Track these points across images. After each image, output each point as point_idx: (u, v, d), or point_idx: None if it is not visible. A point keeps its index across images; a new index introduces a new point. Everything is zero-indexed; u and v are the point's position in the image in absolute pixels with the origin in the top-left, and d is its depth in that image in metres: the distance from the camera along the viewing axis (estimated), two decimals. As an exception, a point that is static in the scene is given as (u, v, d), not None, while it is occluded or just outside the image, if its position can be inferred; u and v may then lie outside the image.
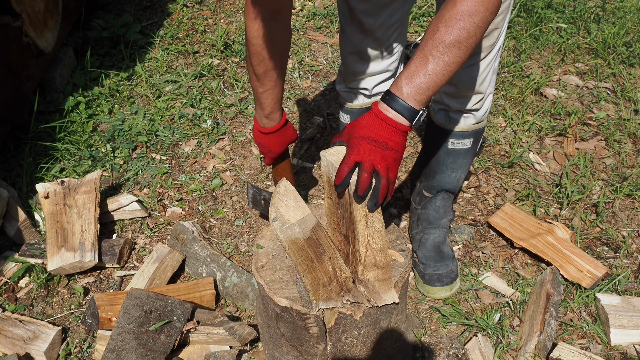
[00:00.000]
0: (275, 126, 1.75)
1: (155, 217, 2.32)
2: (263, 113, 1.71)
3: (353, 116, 2.02)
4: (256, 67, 1.59)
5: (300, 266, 1.29)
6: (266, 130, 1.76)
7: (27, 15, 2.58)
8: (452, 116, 1.88)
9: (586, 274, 1.97)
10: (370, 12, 1.72)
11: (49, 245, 2.03)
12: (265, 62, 1.58)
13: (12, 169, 2.50)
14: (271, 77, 1.62)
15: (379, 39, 1.79)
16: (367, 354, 1.48)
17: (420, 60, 1.23)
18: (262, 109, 1.70)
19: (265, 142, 1.81)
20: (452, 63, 1.23)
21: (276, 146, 1.82)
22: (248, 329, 1.75)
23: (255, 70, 1.61)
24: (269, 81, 1.63)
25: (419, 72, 1.23)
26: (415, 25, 3.47)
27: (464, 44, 1.21)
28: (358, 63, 1.87)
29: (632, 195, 2.32)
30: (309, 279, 1.31)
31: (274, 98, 1.67)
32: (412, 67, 1.24)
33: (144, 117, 2.79)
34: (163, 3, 3.71)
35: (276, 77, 1.63)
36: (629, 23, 3.31)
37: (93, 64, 3.09)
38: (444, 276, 1.97)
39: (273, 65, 1.59)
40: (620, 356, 1.79)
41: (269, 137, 1.79)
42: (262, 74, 1.61)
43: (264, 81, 1.62)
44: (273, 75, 1.62)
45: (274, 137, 1.78)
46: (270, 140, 1.80)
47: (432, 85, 1.23)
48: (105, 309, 1.81)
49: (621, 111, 2.76)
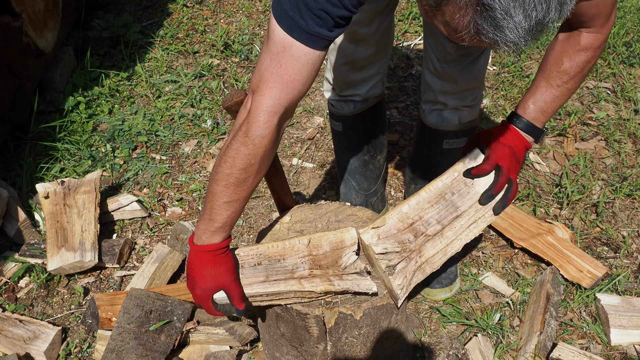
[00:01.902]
0: (217, 244, 1.34)
1: (155, 217, 2.32)
2: (212, 227, 1.33)
3: (345, 123, 1.99)
4: (240, 171, 1.27)
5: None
6: (200, 248, 1.34)
7: (27, 15, 2.58)
8: (446, 116, 1.86)
9: (586, 274, 1.97)
10: (363, 22, 1.70)
11: (49, 245, 2.03)
12: (254, 166, 1.28)
13: (12, 169, 2.50)
14: (249, 184, 1.31)
15: (372, 45, 1.78)
16: (367, 354, 1.47)
17: (545, 89, 1.44)
18: (214, 221, 1.32)
19: (195, 267, 1.35)
20: (573, 90, 1.44)
21: (205, 275, 1.35)
22: (248, 329, 1.75)
23: (236, 174, 1.28)
24: (244, 190, 1.31)
25: (545, 98, 1.44)
26: (416, 25, 3.47)
27: (584, 73, 1.42)
28: (350, 72, 1.86)
29: (632, 195, 2.32)
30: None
31: (236, 211, 1.33)
32: (539, 94, 1.44)
33: (144, 117, 2.79)
34: (163, 3, 3.71)
35: (253, 186, 1.33)
36: (629, 23, 3.31)
37: (93, 64, 3.09)
38: (443, 278, 1.96)
39: (258, 170, 1.30)
40: (620, 356, 1.79)
41: (201, 259, 1.35)
42: (242, 180, 1.29)
43: (238, 188, 1.30)
44: (252, 183, 1.31)
45: (207, 258, 1.35)
46: (202, 264, 1.35)
47: (555, 110, 1.46)
48: (105, 309, 1.81)
49: (621, 111, 2.76)
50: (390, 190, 2.44)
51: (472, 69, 1.73)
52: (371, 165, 2.11)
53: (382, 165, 2.17)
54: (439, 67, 1.76)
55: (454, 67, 1.72)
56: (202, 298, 1.37)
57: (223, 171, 1.28)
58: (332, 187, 2.45)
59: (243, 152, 1.26)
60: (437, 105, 1.86)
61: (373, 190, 2.17)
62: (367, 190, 2.15)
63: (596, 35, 1.36)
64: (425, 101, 1.89)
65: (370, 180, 2.14)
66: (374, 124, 2.02)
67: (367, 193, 2.15)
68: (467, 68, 1.72)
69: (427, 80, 1.84)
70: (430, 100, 1.87)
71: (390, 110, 2.86)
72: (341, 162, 2.11)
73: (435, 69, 1.77)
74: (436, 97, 1.83)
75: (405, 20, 3.49)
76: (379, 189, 2.21)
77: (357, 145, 2.04)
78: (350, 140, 2.03)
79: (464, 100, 1.81)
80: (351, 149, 2.05)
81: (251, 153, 1.26)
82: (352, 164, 2.09)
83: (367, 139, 2.03)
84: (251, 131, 1.24)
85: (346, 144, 2.05)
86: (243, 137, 1.25)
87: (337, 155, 2.11)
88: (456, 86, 1.77)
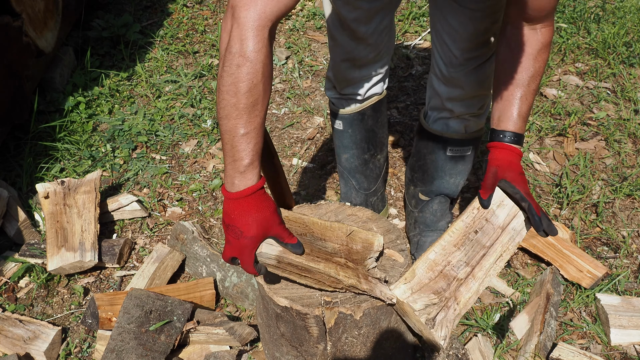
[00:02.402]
0: (253, 186, 1.23)
1: (155, 217, 2.32)
2: (240, 166, 1.22)
3: (345, 121, 1.99)
4: (246, 95, 1.19)
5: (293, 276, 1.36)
6: (237, 195, 1.23)
7: (27, 15, 2.58)
8: (452, 125, 1.85)
9: (586, 274, 1.97)
10: (362, 20, 1.70)
11: (49, 245, 2.03)
12: (258, 86, 1.19)
13: (12, 169, 2.50)
14: (260, 108, 1.22)
15: (372, 44, 1.77)
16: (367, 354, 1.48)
17: (525, 98, 1.42)
18: (240, 160, 1.22)
19: (236, 216, 1.24)
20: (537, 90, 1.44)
21: (251, 223, 1.24)
22: (248, 329, 1.75)
23: (243, 99, 1.19)
24: (257, 115, 1.22)
25: (526, 105, 1.42)
26: (416, 25, 3.47)
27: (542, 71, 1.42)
28: (351, 69, 1.85)
29: (632, 195, 2.32)
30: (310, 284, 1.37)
31: (258, 142, 1.23)
32: (520, 103, 1.42)
33: (144, 117, 2.79)
34: (163, 3, 3.71)
35: (264, 110, 1.24)
36: (629, 23, 3.31)
37: (93, 64, 3.09)
38: None
39: (264, 90, 1.21)
40: (620, 356, 1.79)
41: (242, 206, 1.23)
42: (251, 105, 1.20)
43: (251, 115, 1.21)
44: (262, 107, 1.23)
45: (249, 203, 1.23)
46: (244, 210, 1.23)
47: (528, 113, 1.45)
48: (105, 309, 1.81)
49: (621, 111, 2.76)
50: (390, 190, 2.44)
51: (478, 74, 1.72)
52: (371, 165, 2.11)
53: (382, 165, 2.17)
54: (445, 72, 1.74)
55: (460, 72, 1.71)
56: (248, 248, 1.24)
57: (229, 102, 1.19)
58: (332, 187, 2.45)
59: (243, 74, 1.17)
60: (443, 113, 1.84)
61: (373, 189, 2.17)
62: (367, 190, 2.15)
63: (550, 29, 1.38)
64: (432, 108, 1.88)
65: (371, 180, 2.14)
66: (375, 123, 2.02)
67: (367, 192, 2.15)
68: (473, 73, 1.71)
69: (434, 87, 1.82)
70: (437, 108, 1.85)
71: (390, 110, 2.86)
72: (341, 160, 2.11)
73: (442, 74, 1.76)
74: (443, 104, 1.81)
75: (405, 20, 3.49)
76: (379, 189, 2.21)
77: (357, 143, 2.04)
78: (351, 139, 2.03)
79: (471, 107, 1.80)
80: (351, 148, 2.05)
81: (251, 71, 1.17)
82: (352, 163, 2.09)
83: (367, 137, 2.03)
84: (244, 48, 1.15)
85: (346, 142, 2.05)
86: (238, 58, 1.16)
87: (338, 153, 2.11)
88: (463, 92, 1.75)
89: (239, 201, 1.23)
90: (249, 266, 1.26)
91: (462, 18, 1.58)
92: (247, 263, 1.26)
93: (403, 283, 1.36)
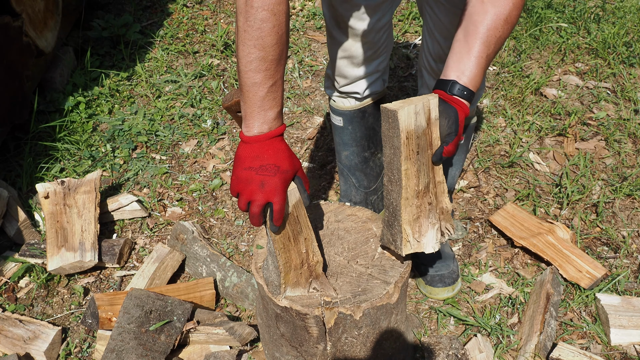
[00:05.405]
0: (282, 126, 1.32)
1: (155, 217, 2.32)
2: (271, 114, 1.29)
3: (345, 118, 1.99)
4: (273, 47, 1.24)
5: (277, 244, 1.32)
6: (270, 134, 1.30)
7: (27, 15, 2.58)
8: None
9: (585, 275, 1.97)
10: (360, 18, 1.71)
11: (49, 245, 2.03)
12: (283, 37, 1.25)
13: (12, 169, 2.50)
14: (285, 57, 1.30)
15: (370, 42, 1.78)
16: (367, 354, 1.48)
17: (484, 56, 1.30)
18: (271, 108, 1.29)
19: (269, 155, 1.29)
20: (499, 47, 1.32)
21: (286, 157, 1.30)
22: (248, 329, 1.75)
23: (271, 52, 1.24)
24: (283, 65, 1.29)
25: (483, 65, 1.31)
26: (416, 25, 3.47)
27: (511, 24, 1.31)
28: (349, 67, 1.86)
29: (632, 195, 2.32)
30: (283, 259, 1.34)
31: (283, 89, 1.32)
32: (480, 59, 1.30)
33: (144, 117, 2.79)
34: (163, 3, 3.71)
35: (285, 60, 1.30)
36: (629, 23, 3.31)
37: (93, 64, 3.09)
38: (446, 277, 1.96)
39: (287, 40, 1.28)
40: (620, 356, 1.79)
41: (274, 145, 1.30)
42: (278, 56, 1.26)
43: (278, 65, 1.27)
44: (286, 55, 1.30)
45: (281, 141, 1.31)
46: (277, 148, 1.30)
47: (483, 75, 1.33)
48: (105, 309, 1.81)
49: (621, 111, 2.76)
50: (390, 190, 2.44)
51: None
52: (371, 163, 2.11)
53: (382, 164, 2.17)
54: (435, 67, 1.78)
55: None
56: (286, 182, 1.29)
57: (257, 55, 1.23)
58: (332, 187, 2.45)
59: (268, 27, 1.21)
60: None
61: (373, 188, 2.17)
62: (367, 188, 2.15)
63: None
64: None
65: (371, 178, 2.14)
66: (376, 121, 2.03)
67: (367, 191, 2.16)
68: None
69: (425, 79, 1.86)
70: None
71: (390, 110, 2.86)
72: (341, 157, 2.11)
73: (431, 68, 1.80)
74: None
75: (405, 20, 3.49)
76: (379, 188, 2.21)
77: (357, 141, 2.04)
78: (351, 136, 2.03)
79: None
80: (351, 145, 2.05)
81: (276, 24, 1.22)
82: (352, 161, 2.09)
83: (368, 135, 2.03)
84: (267, 2, 1.20)
85: (347, 139, 2.05)
86: (262, 12, 1.20)
87: (338, 150, 2.11)
88: None
89: (271, 140, 1.29)
90: (283, 205, 1.29)
91: (453, 17, 1.60)
92: (282, 200, 1.28)
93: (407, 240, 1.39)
